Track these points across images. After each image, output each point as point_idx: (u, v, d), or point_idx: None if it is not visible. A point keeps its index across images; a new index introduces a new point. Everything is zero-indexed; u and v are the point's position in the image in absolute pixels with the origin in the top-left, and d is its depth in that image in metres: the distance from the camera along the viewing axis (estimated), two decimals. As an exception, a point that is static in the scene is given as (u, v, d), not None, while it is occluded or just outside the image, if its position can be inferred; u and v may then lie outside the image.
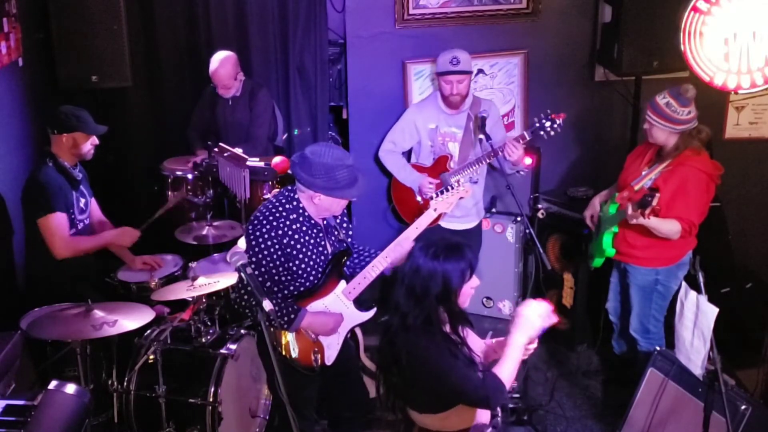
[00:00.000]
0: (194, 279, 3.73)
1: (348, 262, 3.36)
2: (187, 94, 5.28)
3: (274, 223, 3.12)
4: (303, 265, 3.17)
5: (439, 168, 4.59)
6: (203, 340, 3.70)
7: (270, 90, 5.17)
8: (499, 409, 2.95)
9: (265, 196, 4.58)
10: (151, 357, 3.53)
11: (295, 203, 3.18)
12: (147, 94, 5.31)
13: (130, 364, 3.58)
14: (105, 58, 4.61)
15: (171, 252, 4.45)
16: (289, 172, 4.57)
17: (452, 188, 3.37)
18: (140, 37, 5.11)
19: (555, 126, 4.21)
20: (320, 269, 3.23)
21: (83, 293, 3.59)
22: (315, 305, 3.25)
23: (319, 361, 3.30)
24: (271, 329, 3.11)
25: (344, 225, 3.39)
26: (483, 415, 2.85)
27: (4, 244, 4.10)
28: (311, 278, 3.22)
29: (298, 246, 3.15)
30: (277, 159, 4.49)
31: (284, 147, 5.35)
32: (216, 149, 4.56)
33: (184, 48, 5.26)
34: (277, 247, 3.11)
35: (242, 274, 2.82)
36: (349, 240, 3.38)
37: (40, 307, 3.58)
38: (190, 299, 3.70)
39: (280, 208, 3.16)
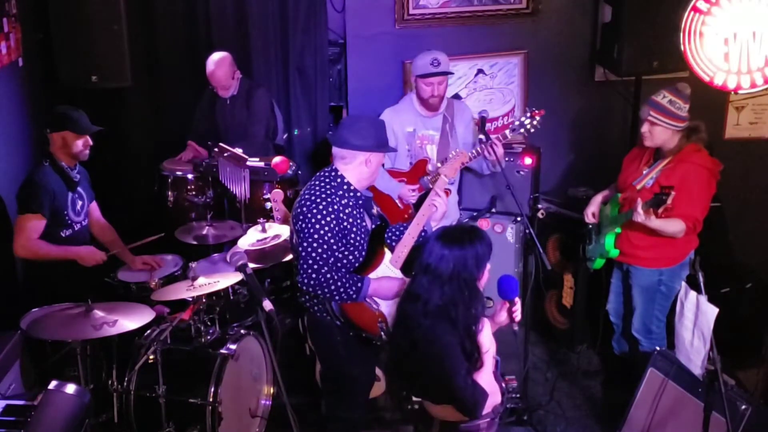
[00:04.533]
0: (194, 279, 3.72)
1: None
2: (187, 94, 5.28)
3: (328, 200, 3.19)
4: (358, 238, 3.27)
5: (418, 172, 4.56)
6: (203, 340, 3.70)
7: (270, 90, 5.16)
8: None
9: (265, 196, 4.58)
10: (151, 357, 3.52)
11: (339, 180, 3.25)
12: (147, 94, 5.31)
13: (130, 364, 3.58)
14: (105, 58, 4.61)
15: (171, 252, 4.44)
16: (294, 170, 4.57)
17: (454, 155, 3.73)
18: (140, 37, 5.09)
19: (534, 123, 4.21)
20: (365, 242, 3.32)
21: (83, 293, 3.58)
22: (371, 276, 3.33)
23: (385, 328, 3.35)
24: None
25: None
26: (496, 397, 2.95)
27: (4, 244, 4.10)
28: (363, 251, 3.31)
29: (350, 220, 3.24)
30: (277, 159, 4.49)
31: (285, 146, 5.35)
32: (216, 149, 4.56)
33: (184, 48, 5.26)
34: (335, 223, 3.18)
35: (243, 274, 2.83)
36: None
37: (40, 307, 3.57)
38: (190, 299, 3.70)
39: (328, 187, 3.24)
